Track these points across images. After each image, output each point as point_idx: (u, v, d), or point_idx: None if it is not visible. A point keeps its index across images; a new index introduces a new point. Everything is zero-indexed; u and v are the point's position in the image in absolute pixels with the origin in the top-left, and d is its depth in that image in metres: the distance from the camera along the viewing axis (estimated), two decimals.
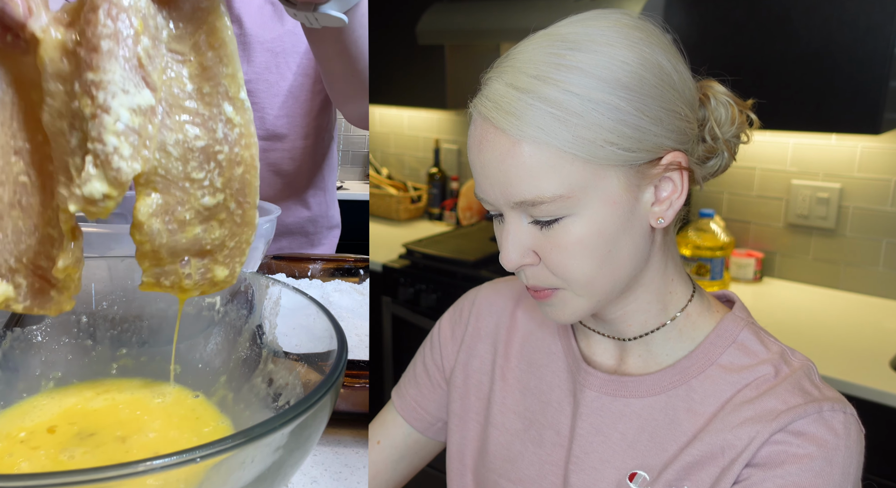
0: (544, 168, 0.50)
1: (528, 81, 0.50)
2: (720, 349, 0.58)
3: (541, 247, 0.54)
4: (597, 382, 0.61)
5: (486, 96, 0.52)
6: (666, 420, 0.58)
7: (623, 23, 0.52)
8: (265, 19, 1.14)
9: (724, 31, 1.47)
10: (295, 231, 1.27)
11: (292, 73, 1.16)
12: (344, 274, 1.07)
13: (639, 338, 0.60)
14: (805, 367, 0.56)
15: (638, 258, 0.55)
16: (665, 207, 0.54)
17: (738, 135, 0.58)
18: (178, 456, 0.34)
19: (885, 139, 1.56)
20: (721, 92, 0.57)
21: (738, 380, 0.56)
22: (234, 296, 0.64)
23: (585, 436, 0.61)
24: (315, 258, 1.09)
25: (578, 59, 0.49)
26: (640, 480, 0.58)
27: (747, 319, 0.60)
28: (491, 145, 0.51)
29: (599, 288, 0.55)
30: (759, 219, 1.76)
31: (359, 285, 1.03)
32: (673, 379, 0.58)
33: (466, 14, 1.82)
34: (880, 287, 1.62)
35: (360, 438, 0.74)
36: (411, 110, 2.46)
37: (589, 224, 0.52)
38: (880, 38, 1.32)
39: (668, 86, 0.51)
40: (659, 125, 0.51)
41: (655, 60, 0.51)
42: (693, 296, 0.60)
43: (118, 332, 0.64)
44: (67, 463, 0.50)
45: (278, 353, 0.59)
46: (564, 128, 0.49)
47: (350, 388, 0.71)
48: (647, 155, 0.51)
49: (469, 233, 2.08)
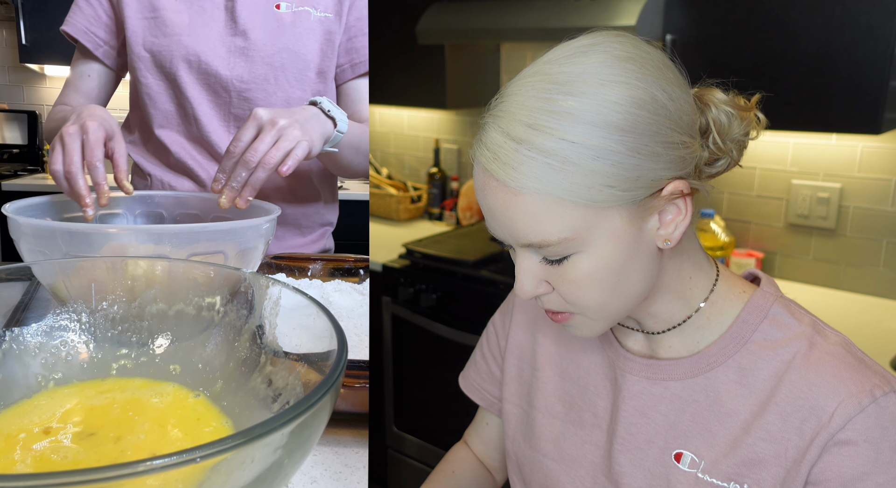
0: (546, 215, 0.51)
1: (522, 130, 0.50)
2: (752, 326, 0.60)
3: (553, 280, 0.56)
4: (636, 367, 0.64)
5: (485, 144, 0.53)
6: (708, 401, 0.60)
7: (614, 54, 0.52)
8: (268, 33, 1.17)
9: (724, 31, 1.47)
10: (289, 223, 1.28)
11: (291, 86, 1.20)
12: (344, 274, 1.07)
13: (667, 331, 0.63)
14: (843, 342, 0.57)
15: (648, 278, 0.57)
16: (671, 230, 0.55)
17: (746, 133, 0.58)
18: (179, 456, 0.34)
19: (886, 139, 1.56)
20: (721, 101, 0.57)
21: (776, 357, 0.58)
22: (234, 296, 0.64)
23: (629, 418, 0.64)
24: (315, 258, 1.09)
25: (570, 104, 0.50)
26: (687, 461, 0.60)
27: (776, 294, 0.61)
28: (494, 194, 0.53)
29: (612, 311, 0.57)
30: (759, 219, 1.76)
31: (359, 285, 1.03)
32: (710, 360, 0.60)
33: (466, 14, 1.82)
34: (880, 287, 1.62)
35: (360, 438, 0.74)
36: (411, 110, 2.46)
37: (596, 259, 0.53)
38: (880, 38, 1.32)
39: (663, 118, 0.51)
40: (656, 161, 0.51)
41: (649, 94, 0.51)
42: (716, 282, 0.62)
43: (118, 332, 0.64)
44: (67, 463, 0.50)
45: (278, 353, 0.59)
46: (562, 177, 0.50)
47: (350, 388, 0.71)
48: (646, 191, 0.52)
49: (469, 233, 2.08)
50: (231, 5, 1.16)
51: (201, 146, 1.20)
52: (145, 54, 1.16)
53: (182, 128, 1.20)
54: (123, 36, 1.18)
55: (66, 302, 0.63)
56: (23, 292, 0.63)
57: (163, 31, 1.15)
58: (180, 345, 0.64)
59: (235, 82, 1.16)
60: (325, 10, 1.20)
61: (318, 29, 1.20)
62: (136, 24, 1.16)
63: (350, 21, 1.22)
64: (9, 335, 0.60)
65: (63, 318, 0.63)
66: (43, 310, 0.63)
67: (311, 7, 1.19)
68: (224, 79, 1.16)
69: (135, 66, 1.18)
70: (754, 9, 1.45)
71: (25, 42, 2.80)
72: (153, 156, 1.23)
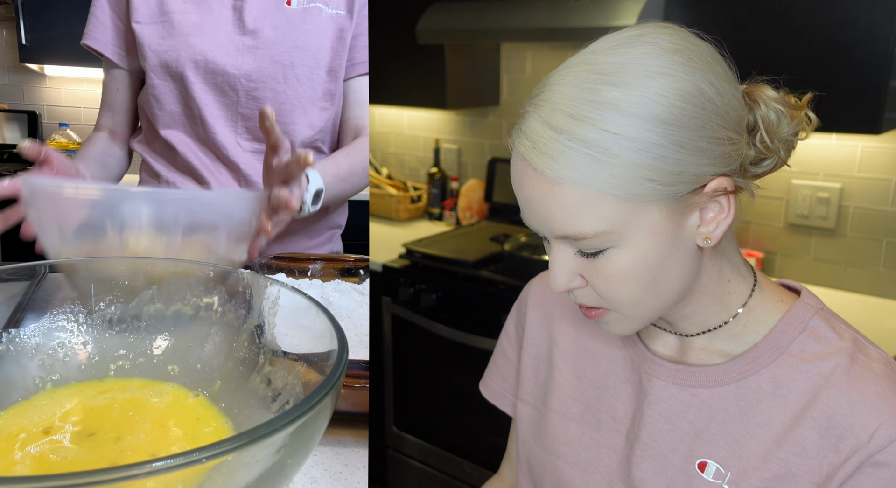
0: (584, 207, 0.50)
1: (563, 120, 0.49)
2: (790, 337, 0.57)
3: (587, 273, 0.55)
4: (664, 372, 0.62)
5: (524, 133, 0.52)
6: (738, 411, 0.58)
7: (661, 46, 0.51)
8: (277, 31, 1.16)
9: (725, 31, 1.47)
10: (295, 228, 1.27)
11: (300, 84, 1.18)
12: (344, 274, 1.07)
13: (700, 334, 0.61)
14: (887, 360, 0.55)
15: (686, 277, 0.55)
16: (712, 228, 0.54)
17: (795, 132, 0.57)
18: (184, 456, 0.33)
19: (886, 139, 1.55)
20: (771, 98, 0.56)
21: (813, 370, 0.56)
22: (233, 296, 0.64)
23: (654, 424, 0.62)
24: (315, 258, 1.08)
25: (614, 95, 0.49)
26: (712, 471, 0.58)
27: (817, 306, 0.59)
28: (531, 183, 0.52)
29: (647, 309, 0.56)
30: (758, 218, 1.76)
31: (359, 285, 1.03)
32: (742, 369, 0.58)
33: (466, 14, 1.82)
34: (880, 287, 1.62)
35: (360, 438, 0.73)
36: (411, 110, 2.46)
37: (633, 254, 0.52)
38: (880, 38, 1.32)
39: (709, 113, 0.50)
40: (700, 156, 0.50)
41: (696, 87, 0.50)
42: (754, 289, 0.60)
43: (116, 333, 0.64)
44: (67, 463, 0.49)
45: (277, 353, 0.59)
46: (602, 169, 0.49)
47: (350, 388, 0.71)
48: (688, 186, 0.51)
49: (469, 233, 2.08)
50: (240, 4, 1.16)
51: (207, 147, 1.20)
52: (153, 56, 1.16)
53: (188, 128, 1.20)
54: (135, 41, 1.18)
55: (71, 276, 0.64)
56: (21, 293, 0.63)
57: (170, 32, 1.14)
58: (178, 346, 0.64)
59: (243, 81, 1.16)
60: (336, 7, 1.18)
61: (330, 26, 1.18)
62: (144, 28, 1.15)
63: (358, 19, 1.21)
64: (6, 336, 0.60)
65: (61, 319, 0.63)
66: (41, 311, 0.62)
67: (322, 4, 1.18)
68: (232, 77, 1.15)
69: (143, 68, 1.18)
70: (754, 9, 1.45)
71: (25, 42, 2.80)
72: (160, 156, 1.23)
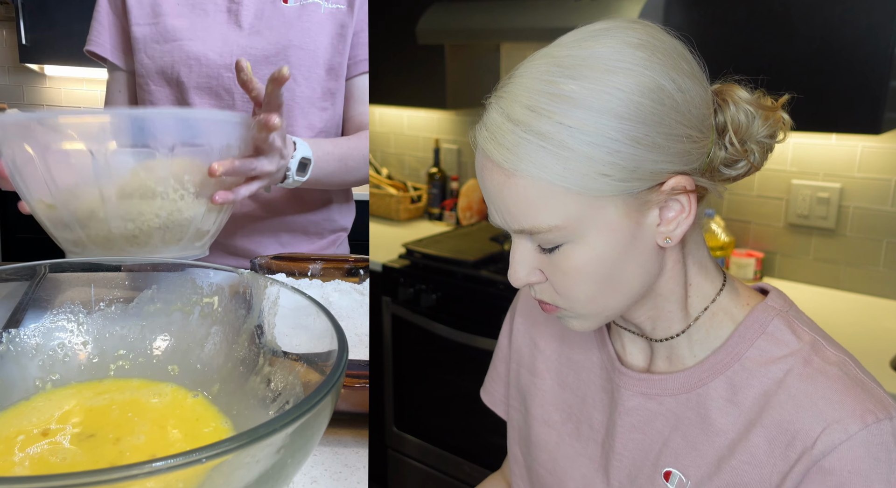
0: (539, 200, 0.50)
1: (521, 112, 0.49)
2: (748, 342, 0.57)
3: (545, 268, 0.54)
4: (631, 382, 0.62)
5: (485, 124, 0.52)
6: (697, 418, 0.58)
7: (625, 40, 0.50)
8: (273, 31, 1.15)
9: (724, 30, 1.47)
10: (296, 229, 1.27)
11: (297, 84, 1.17)
12: (344, 274, 1.07)
13: (665, 340, 0.60)
14: (841, 362, 0.54)
15: (645, 276, 0.55)
16: (672, 228, 0.53)
17: (771, 135, 0.56)
18: (185, 456, 0.33)
19: (886, 139, 1.55)
20: (742, 98, 0.55)
21: (767, 375, 0.55)
22: (233, 296, 0.64)
23: (625, 433, 0.62)
24: (315, 258, 1.08)
25: (571, 88, 0.48)
26: (675, 480, 0.58)
27: (780, 308, 0.58)
28: (490, 175, 0.52)
29: (603, 307, 0.55)
30: (759, 219, 1.76)
31: (359, 285, 1.03)
32: (702, 376, 0.58)
33: (466, 14, 1.82)
34: (880, 287, 1.62)
35: (359, 438, 0.73)
36: (411, 110, 2.46)
37: (588, 251, 0.52)
38: (880, 38, 1.32)
39: (668, 109, 0.49)
40: (657, 152, 0.49)
41: (656, 84, 0.49)
42: (720, 293, 0.59)
43: (116, 333, 0.64)
44: (66, 464, 0.49)
45: (277, 353, 0.59)
46: (557, 162, 0.48)
47: (350, 388, 0.71)
48: (644, 183, 0.50)
49: (469, 233, 2.08)
50: (236, 7, 1.15)
51: None
52: (149, 62, 1.15)
53: None
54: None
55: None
56: (21, 293, 0.63)
57: (164, 36, 1.14)
58: (178, 346, 0.64)
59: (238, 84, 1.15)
60: (336, 2, 1.16)
61: (329, 22, 1.16)
62: (139, 30, 1.15)
63: (360, 14, 1.19)
64: (6, 336, 0.60)
65: (61, 319, 0.63)
66: (41, 311, 0.62)
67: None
68: (226, 81, 1.15)
69: (138, 72, 1.17)
70: (754, 9, 1.45)
71: (25, 42, 2.80)
72: None
